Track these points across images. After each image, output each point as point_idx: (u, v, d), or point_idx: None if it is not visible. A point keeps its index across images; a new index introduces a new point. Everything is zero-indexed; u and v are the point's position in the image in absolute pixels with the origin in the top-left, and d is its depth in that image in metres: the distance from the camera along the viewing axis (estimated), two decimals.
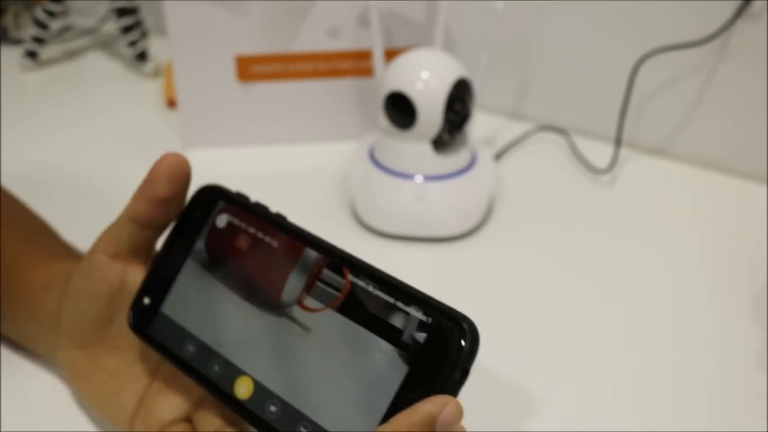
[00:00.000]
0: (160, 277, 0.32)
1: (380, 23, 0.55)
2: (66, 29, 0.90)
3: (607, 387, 0.38)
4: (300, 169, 0.60)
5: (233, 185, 0.33)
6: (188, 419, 0.33)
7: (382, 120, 0.50)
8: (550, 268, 0.48)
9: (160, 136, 0.66)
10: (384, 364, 0.26)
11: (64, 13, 0.91)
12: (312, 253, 0.29)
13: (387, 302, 0.26)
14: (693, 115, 0.60)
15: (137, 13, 0.79)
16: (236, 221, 0.31)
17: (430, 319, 0.25)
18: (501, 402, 0.37)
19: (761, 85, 0.56)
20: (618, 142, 0.60)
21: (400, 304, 0.26)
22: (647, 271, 0.48)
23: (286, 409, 0.27)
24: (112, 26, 0.83)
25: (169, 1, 0.57)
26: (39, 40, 0.80)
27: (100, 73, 0.81)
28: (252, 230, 0.31)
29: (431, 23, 0.59)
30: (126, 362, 0.34)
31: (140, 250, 0.33)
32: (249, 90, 0.62)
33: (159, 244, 0.34)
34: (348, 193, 0.55)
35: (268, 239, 0.30)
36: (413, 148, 0.49)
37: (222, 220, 0.32)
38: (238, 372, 0.29)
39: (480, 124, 0.66)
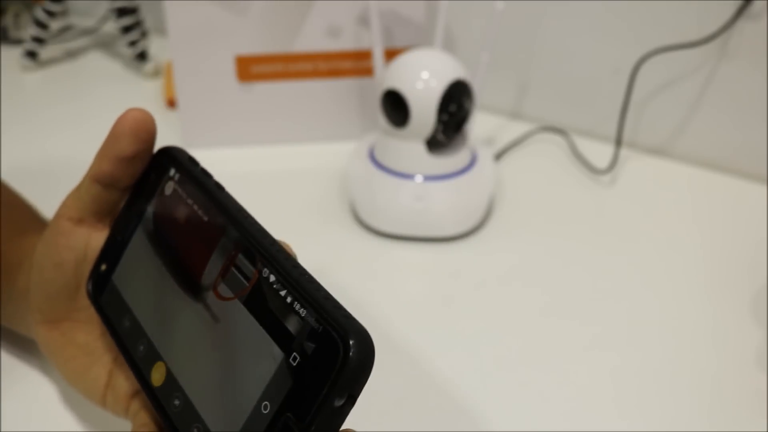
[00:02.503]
0: (115, 244, 0.30)
1: (380, 23, 0.55)
2: (66, 29, 0.90)
3: (607, 386, 0.38)
4: (300, 169, 0.60)
5: (233, 185, 0.33)
6: None
7: (381, 119, 0.50)
8: (551, 268, 0.48)
9: (160, 136, 0.64)
10: (272, 374, 0.21)
11: (64, 13, 0.91)
12: (234, 233, 0.25)
13: (286, 301, 0.22)
14: (693, 115, 0.60)
15: (137, 13, 0.79)
16: (179, 190, 0.28)
17: (320, 328, 0.20)
18: (501, 401, 0.37)
19: (761, 85, 0.56)
20: (618, 142, 0.60)
21: (297, 306, 0.21)
22: (647, 271, 0.48)
23: (187, 405, 0.24)
24: (112, 26, 0.83)
25: (169, 1, 0.57)
26: (39, 40, 0.80)
27: (100, 73, 0.81)
28: (190, 201, 0.27)
29: (431, 23, 0.59)
30: (94, 335, 0.32)
31: (104, 213, 0.31)
32: (249, 90, 0.62)
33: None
34: (348, 193, 0.55)
35: (201, 213, 0.27)
36: (409, 148, 0.49)
37: (169, 188, 0.29)
38: (157, 356, 0.26)
39: (480, 124, 0.66)
